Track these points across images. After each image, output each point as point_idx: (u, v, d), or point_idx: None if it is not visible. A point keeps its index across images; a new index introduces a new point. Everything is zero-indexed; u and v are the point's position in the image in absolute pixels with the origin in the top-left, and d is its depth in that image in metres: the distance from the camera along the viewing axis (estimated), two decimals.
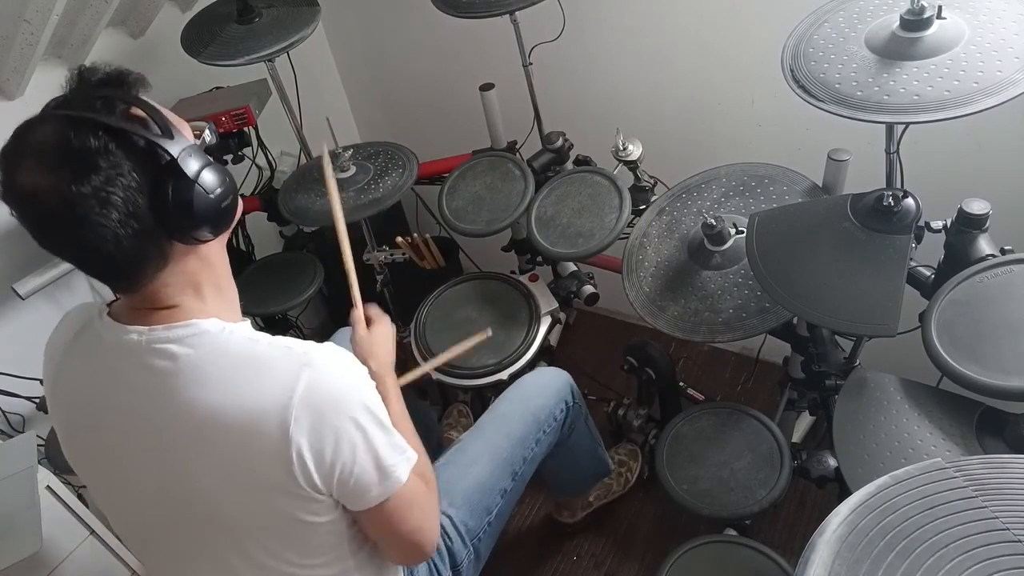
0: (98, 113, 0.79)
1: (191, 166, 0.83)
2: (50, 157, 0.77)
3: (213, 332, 0.88)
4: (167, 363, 0.87)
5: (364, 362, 1.15)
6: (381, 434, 0.92)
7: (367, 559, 1.06)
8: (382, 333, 1.23)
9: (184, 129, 0.89)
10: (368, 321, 1.24)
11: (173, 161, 0.82)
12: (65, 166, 0.77)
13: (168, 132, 0.83)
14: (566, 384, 1.52)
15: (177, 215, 0.83)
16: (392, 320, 1.28)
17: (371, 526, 1.00)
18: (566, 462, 1.62)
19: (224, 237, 0.94)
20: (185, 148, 0.83)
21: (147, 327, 0.88)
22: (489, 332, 1.42)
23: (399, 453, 0.95)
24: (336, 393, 0.88)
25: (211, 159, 0.87)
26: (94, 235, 0.78)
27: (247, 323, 0.94)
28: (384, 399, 1.09)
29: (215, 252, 0.93)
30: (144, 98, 0.85)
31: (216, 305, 0.92)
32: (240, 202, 0.94)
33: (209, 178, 0.85)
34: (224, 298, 0.94)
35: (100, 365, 0.92)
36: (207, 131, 0.93)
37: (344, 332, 1.58)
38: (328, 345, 0.91)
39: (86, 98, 0.81)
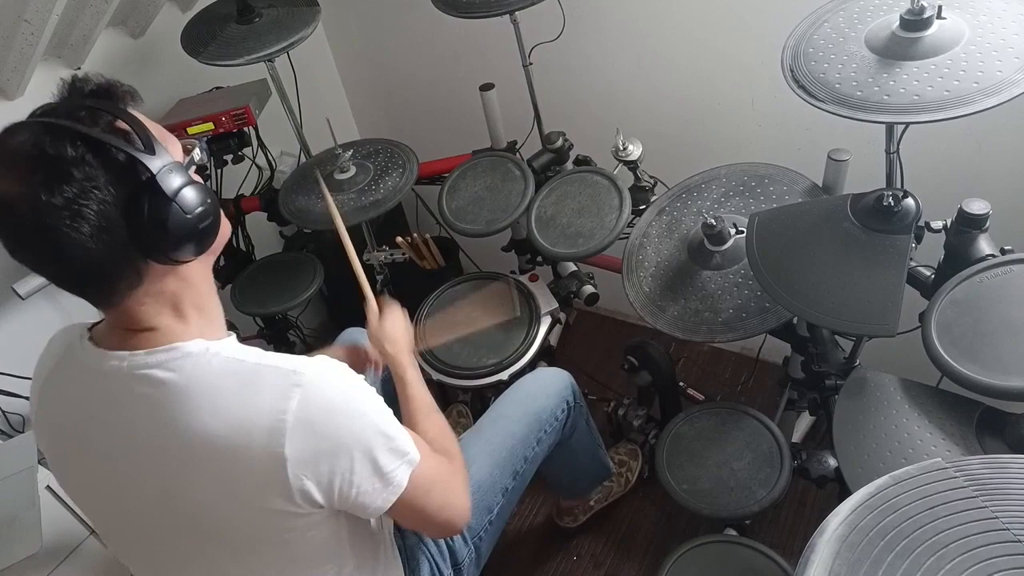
0: (79, 123, 0.76)
1: (170, 184, 0.80)
2: (23, 164, 0.75)
3: (196, 354, 0.86)
4: (152, 390, 0.85)
5: (381, 349, 1.21)
6: (380, 441, 0.90)
7: (367, 559, 1.06)
8: (393, 321, 1.26)
9: (172, 145, 0.86)
10: (380, 312, 1.28)
11: (152, 178, 0.79)
12: (37, 174, 0.74)
13: (151, 148, 0.80)
14: (567, 384, 1.52)
15: (152, 233, 0.80)
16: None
17: (399, 519, 1.01)
18: (567, 463, 1.62)
19: (208, 259, 0.91)
20: (166, 165, 0.80)
21: (129, 352, 0.86)
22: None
23: (399, 457, 0.93)
24: (330, 411, 0.86)
25: (194, 179, 0.84)
26: (64, 247, 0.76)
27: (232, 338, 0.91)
28: (402, 379, 1.16)
29: (196, 273, 0.90)
30: (133, 112, 0.83)
31: (198, 325, 0.89)
32: (224, 224, 0.91)
33: (188, 198, 0.81)
34: (207, 318, 0.92)
35: (85, 392, 0.91)
36: (197, 149, 0.90)
37: (350, 332, 1.58)
38: (319, 359, 0.89)
39: (72, 107, 0.79)
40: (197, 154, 0.89)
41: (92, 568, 1.42)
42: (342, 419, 0.87)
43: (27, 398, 1.67)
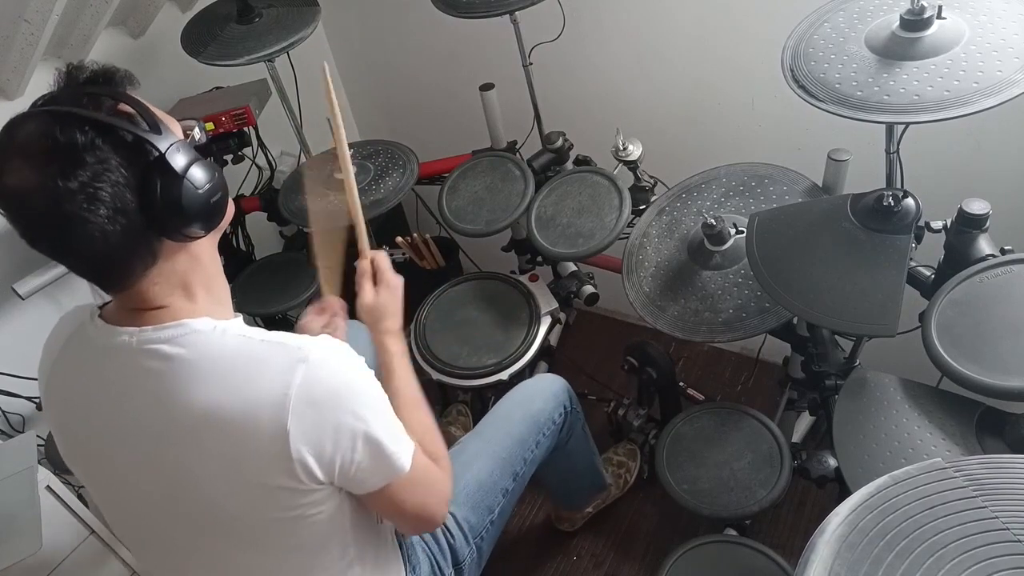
0: (84, 109, 0.78)
1: (179, 162, 0.82)
2: (36, 154, 0.76)
3: (205, 331, 0.87)
4: (160, 364, 0.86)
5: (372, 328, 1.15)
6: (381, 423, 0.92)
7: (368, 547, 1.06)
8: (388, 298, 1.18)
9: (174, 126, 0.88)
10: (375, 278, 1.19)
11: (161, 156, 0.81)
12: (52, 162, 0.76)
13: (156, 128, 0.82)
14: (564, 389, 1.52)
15: (166, 211, 0.82)
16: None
17: (374, 505, 1.00)
18: (565, 468, 1.62)
19: (215, 236, 0.93)
20: (173, 144, 0.82)
21: (138, 328, 0.87)
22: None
23: (401, 441, 0.95)
24: (333, 386, 0.88)
25: (200, 155, 0.86)
26: (82, 232, 0.77)
27: (239, 319, 0.93)
28: (388, 367, 1.11)
29: (205, 251, 0.92)
30: (132, 95, 0.84)
31: (207, 304, 0.91)
32: (230, 201, 0.93)
33: (198, 174, 0.84)
34: (215, 297, 0.93)
35: (94, 368, 0.92)
36: (197, 129, 0.92)
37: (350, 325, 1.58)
38: (323, 338, 0.91)
39: (73, 95, 0.80)
40: (197, 134, 0.91)
41: (92, 568, 1.42)
42: (344, 398, 0.88)
43: (27, 398, 1.67)
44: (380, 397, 0.94)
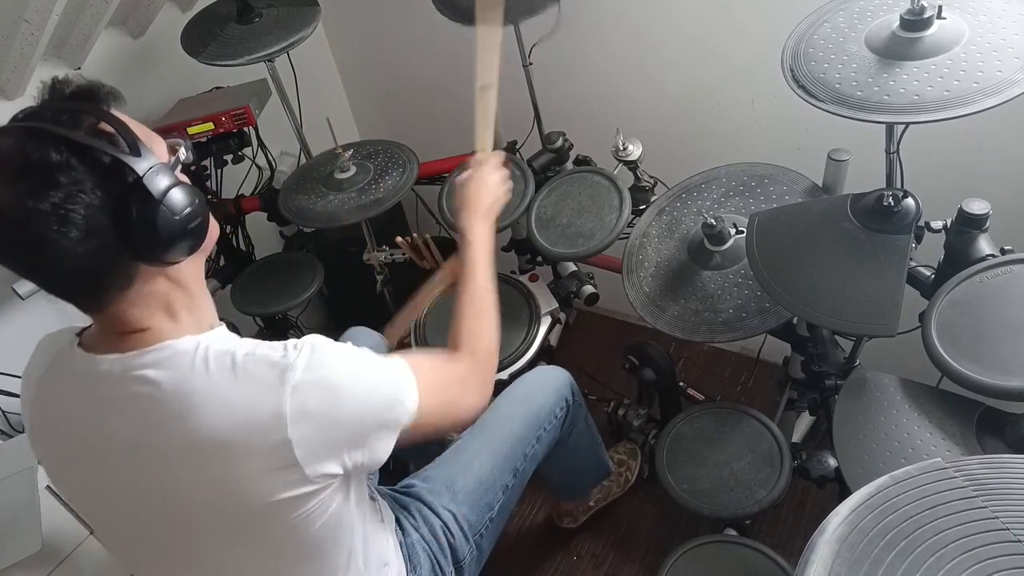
0: (62, 126, 0.76)
1: (157, 186, 0.79)
2: (7, 170, 0.75)
3: (189, 351, 0.85)
4: (148, 389, 0.84)
5: (456, 211, 1.26)
6: (382, 406, 0.92)
7: (370, 548, 1.06)
8: (481, 180, 1.28)
9: (157, 146, 0.85)
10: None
11: (138, 180, 0.79)
12: (23, 180, 0.74)
13: (136, 149, 0.79)
14: (566, 383, 1.51)
15: (140, 236, 0.79)
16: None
17: (411, 439, 0.99)
18: (567, 462, 1.62)
19: (198, 258, 0.91)
20: (153, 167, 0.80)
21: (120, 354, 0.85)
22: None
23: (399, 401, 0.94)
24: (325, 391, 0.87)
25: (180, 179, 0.84)
26: (52, 253, 0.75)
27: (222, 328, 0.91)
28: (465, 255, 1.20)
29: (187, 273, 0.89)
30: (115, 113, 0.82)
31: (190, 324, 0.89)
32: (214, 224, 0.91)
33: (176, 199, 0.81)
34: (198, 317, 0.91)
35: (78, 397, 0.90)
36: (183, 149, 0.89)
37: (353, 331, 1.58)
38: (307, 340, 0.89)
39: (53, 110, 0.79)
40: (183, 153, 0.88)
41: (92, 568, 1.42)
42: (338, 400, 0.87)
43: None
44: (374, 378, 0.93)
